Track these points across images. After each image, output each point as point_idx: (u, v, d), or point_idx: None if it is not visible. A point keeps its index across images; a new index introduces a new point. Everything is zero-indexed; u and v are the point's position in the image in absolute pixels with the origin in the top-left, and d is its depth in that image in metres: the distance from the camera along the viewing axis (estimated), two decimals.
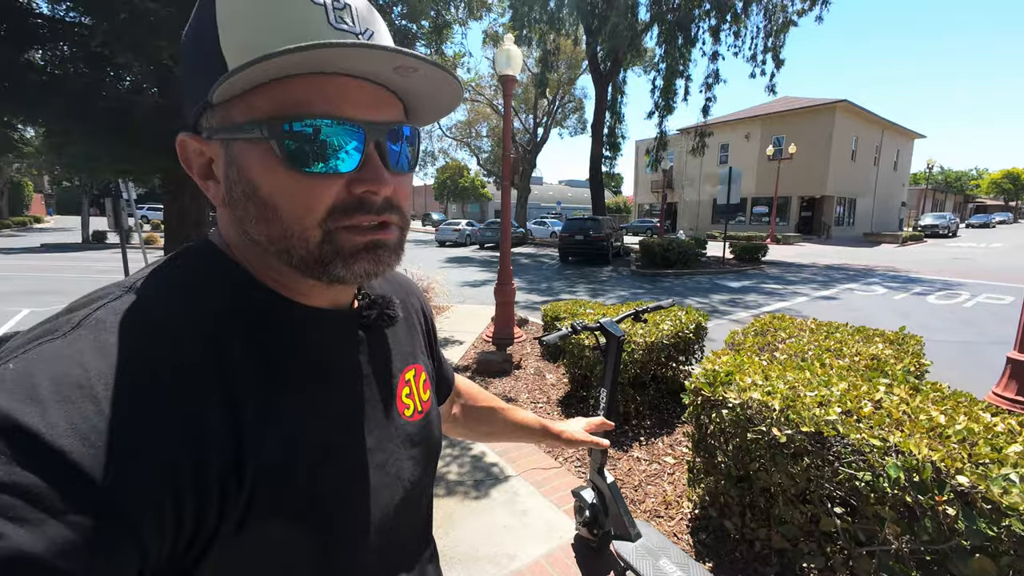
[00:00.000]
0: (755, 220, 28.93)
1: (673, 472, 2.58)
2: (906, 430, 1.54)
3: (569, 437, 0.90)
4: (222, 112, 0.37)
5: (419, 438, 0.53)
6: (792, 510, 1.70)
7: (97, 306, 0.35)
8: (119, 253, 6.63)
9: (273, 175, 0.37)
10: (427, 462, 0.55)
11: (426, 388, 0.57)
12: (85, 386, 0.30)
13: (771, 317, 3.20)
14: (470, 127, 28.42)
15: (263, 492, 0.36)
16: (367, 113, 0.39)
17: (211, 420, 0.34)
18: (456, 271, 12.72)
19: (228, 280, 0.41)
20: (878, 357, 2.39)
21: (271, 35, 0.35)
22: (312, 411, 0.41)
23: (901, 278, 11.28)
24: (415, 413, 0.54)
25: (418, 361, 0.58)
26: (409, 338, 0.58)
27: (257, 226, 0.39)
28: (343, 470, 0.43)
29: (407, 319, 0.59)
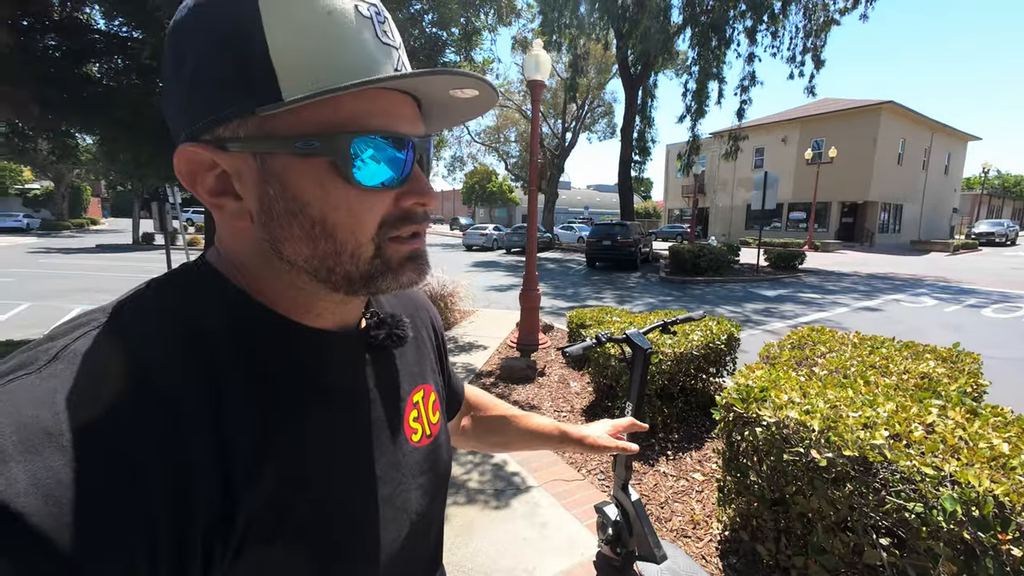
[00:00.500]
0: (792, 226, 27.87)
1: (702, 490, 2.47)
2: (963, 458, 1.41)
3: (592, 442, 0.82)
4: (258, 123, 0.34)
5: (427, 465, 0.50)
6: (832, 539, 1.59)
7: (77, 335, 0.33)
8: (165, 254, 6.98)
9: (330, 191, 0.36)
10: (435, 490, 0.52)
11: (435, 410, 0.54)
12: (54, 433, 0.27)
13: (809, 329, 3.04)
14: (498, 132, 28.61)
15: (257, 534, 0.34)
16: (412, 127, 0.39)
17: (197, 467, 0.31)
18: (482, 275, 12.77)
19: (224, 305, 0.38)
20: (929, 376, 2.22)
21: (331, 48, 0.34)
22: (314, 442, 0.39)
23: (953, 289, 10.59)
24: (423, 438, 0.51)
25: (427, 381, 0.55)
26: (418, 357, 0.55)
27: (300, 244, 0.37)
28: (347, 504, 0.41)
29: (416, 336, 0.56)
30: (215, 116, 0.35)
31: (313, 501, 0.37)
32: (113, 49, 4.58)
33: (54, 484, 0.26)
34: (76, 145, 5.28)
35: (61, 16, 4.31)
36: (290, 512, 0.36)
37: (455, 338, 5.56)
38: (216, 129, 0.35)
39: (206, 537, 0.31)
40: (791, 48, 13.56)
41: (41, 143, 4.97)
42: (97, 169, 17.75)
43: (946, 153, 30.56)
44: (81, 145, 6.06)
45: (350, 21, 0.35)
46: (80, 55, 4.40)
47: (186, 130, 0.36)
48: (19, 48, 3.29)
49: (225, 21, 0.34)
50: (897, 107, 24.42)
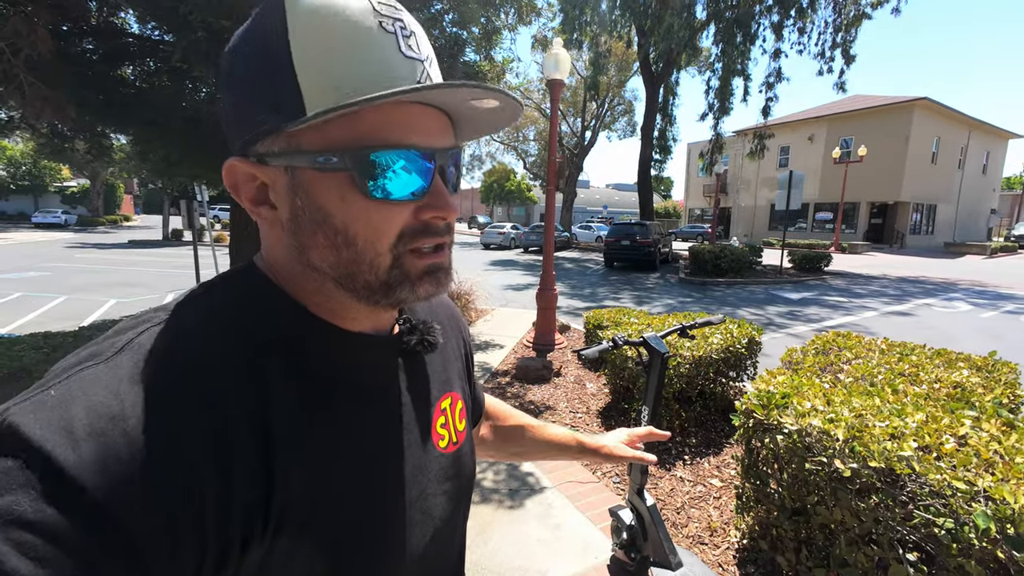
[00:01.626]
0: (817, 227, 27.10)
1: (720, 496, 2.43)
2: (998, 473, 1.35)
3: (609, 452, 0.83)
4: (287, 139, 0.37)
5: (452, 472, 0.51)
6: (856, 552, 1.54)
7: (141, 330, 0.36)
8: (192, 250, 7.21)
9: (349, 203, 0.37)
10: (460, 496, 0.53)
11: (462, 417, 0.55)
12: (118, 418, 0.30)
13: (835, 334, 2.95)
14: (517, 131, 28.55)
15: (291, 527, 0.35)
16: (435, 140, 0.40)
17: (243, 456, 0.34)
18: (499, 274, 12.79)
19: (270, 306, 0.41)
20: (962, 385, 2.13)
21: (352, 66, 0.35)
22: (346, 440, 0.41)
23: (989, 293, 10.15)
24: (450, 444, 0.52)
25: (455, 389, 0.56)
26: (448, 365, 0.57)
27: (325, 252, 0.39)
28: (373, 505, 0.42)
29: (447, 344, 0.57)
30: (252, 133, 0.37)
31: (342, 496, 0.39)
32: (146, 52, 4.74)
33: (117, 465, 0.29)
34: (110, 145, 5.49)
35: (98, 21, 4.48)
36: (319, 505, 0.37)
37: (472, 336, 5.59)
38: (255, 145, 0.38)
39: (247, 521, 0.33)
40: (820, 43, 13.16)
41: (78, 143, 5.18)
42: (130, 167, 18.40)
43: (984, 151, 29.24)
44: (115, 144, 6.29)
45: (372, 38, 0.36)
46: (115, 58, 4.56)
47: (234, 145, 0.40)
48: (59, 53, 3.44)
49: (260, 44, 0.37)
50: (932, 104, 23.47)
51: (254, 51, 0.37)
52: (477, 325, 6.16)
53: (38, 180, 34.49)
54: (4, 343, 3.51)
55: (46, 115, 3.21)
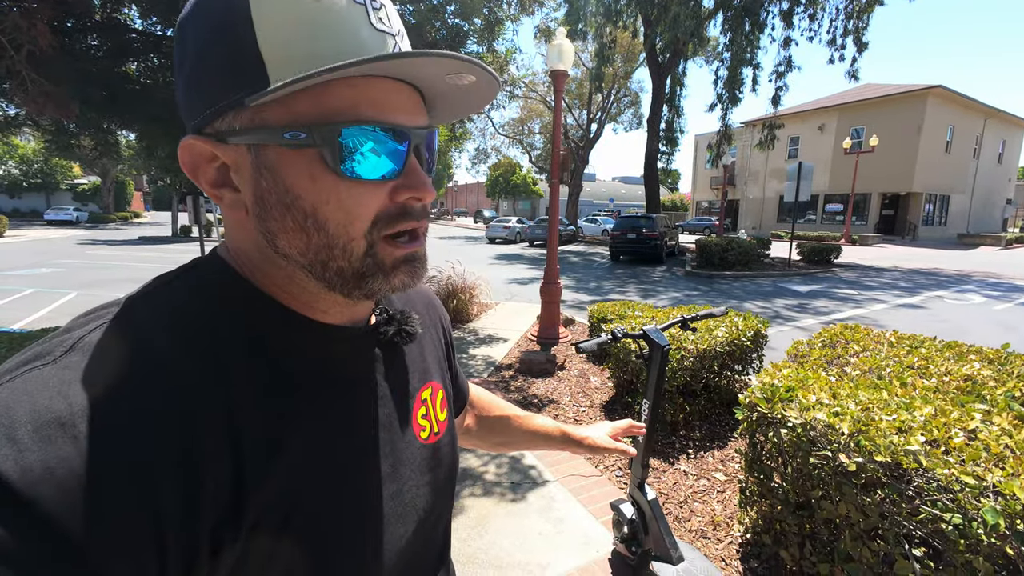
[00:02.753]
0: (827, 219, 26.73)
1: (723, 490, 2.40)
2: (1009, 468, 1.31)
3: (592, 444, 0.84)
4: (251, 114, 0.34)
5: (435, 462, 0.51)
6: (861, 547, 1.52)
7: (91, 327, 0.33)
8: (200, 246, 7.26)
9: (319, 183, 0.35)
10: (444, 487, 0.52)
11: (443, 407, 0.54)
12: (67, 423, 0.28)
13: (842, 327, 2.90)
14: (522, 124, 28.41)
15: (267, 528, 0.34)
16: (409, 118, 0.38)
17: (206, 458, 0.31)
18: (505, 268, 12.78)
19: (234, 298, 0.39)
20: (973, 378, 2.09)
21: (319, 37, 0.33)
22: (323, 436, 0.39)
23: (1004, 286, 9.96)
24: (431, 435, 0.51)
25: (435, 379, 0.55)
26: (427, 354, 0.55)
27: (293, 237, 0.36)
28: (354, 500, 0.41)
29: (425, 333, 0.56)
30: (212, 109, 0.35)
31: (321, 494, 0.38)
32: (149, 47, 4.74)
33: (66, 474, 0.26)
34: (116, 141, 5.52)
35: (102, 17, 4.49)
36: (299, 504, 0.36)
37: (476, 330, 5.59)
38: (215, 122, 0.36)
39: (216, 527, 0.31)
40: (831, 31, 12.88)
41: (84, 139, 5.22)
42: (139, 164, 18.57)
43: (1000, 140, 28.58)
44: (122, 141, 6.33)
45: (340, 9, 0.34)
46: (119, 54, 4.57)
47: (190, 123, 0.37)
48: (61, 49, 3.45)
49: (218, 13, 0.34)
50: (946, 92, 22.95)
51: (212, 20, 0.34)
52: (482, 319, 6.16)
53: (50, 178, 34.98)
54: (16, 339, 3.57)
55: (48, 111, 3.22)
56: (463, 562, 1.88)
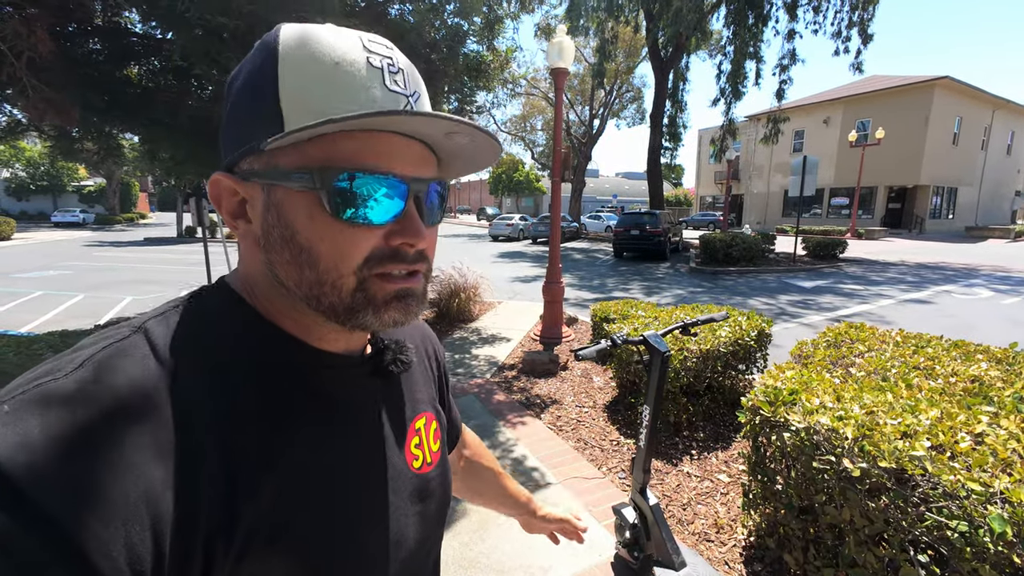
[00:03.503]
0: (833, 213, 26.52)
1: (727, 492, 2.39)
2: (1016, 474, 1.29)
3: (543, 515, 0.84)
4: (267, 157, 0.38)
5: (426, 493, 0.51)
6: (865, 552, 1.50)
7: (101, 346, 0.35)
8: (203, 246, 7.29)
9: (316, 222, 0.38)
10: (434, 519, 0.52)
11: (436, 438, 0.55)
12: (75, 435, 0.30)
13: (847, 326, 2.87)
14: (524, 121, 28.28)
15: (257, 551, 0.35)
16: (411, 169, 0.40)
17: (204, 479, 0.33)
18: (507, 267, 12.76)
19: (240, 324, 0.41)
20: (980, 379, 2.06)
21: (332, 96, 0.37)
22: (315, 462, 0.40)
23: (1013, 279, 9.84)
24: (424, 465, 0.52)
25: (429, 409, 0.56)
26: (421, 385, 0.57)
27: (290, 269, 0.39)
28: (345, 525, 0.41)
29: (420, 364, 0.58)
30: (237, 151, 0.40)
31: (311, 518, 0.39)
32: (150, 51, 4.75)
33: (71, 480, 0.29)
34: (119, 145, 5.54)
35: (103, 21, 4.49)
36: (288, 528, 0.37)
37: (478, 330, 5.58)
38: (240, 162, 0.40)
39: (207, 545, 0.33)
40: (835, 22, 12.77)
41: (87, 143, 5.24)
42: (142, 166, 18.67)
43: (1009, 131, 28.19)
44: (126, 143, 6.35)
45: (358, 71, 0.38)
46: (120, 58, 4.58)
47: (223, 162, 0.42)
48: (62, 54, 3.45)
49: (255, 72, 0.39)
50: (953, 83, 22.65)
51: (247, 78, 0.40)
52: (484, 318, 6.16)
53: (56, 180, 35.22)
54: (24, 341, 3.60)
55: (49, 117, 3.23)
56: (465, 567, 1.88)
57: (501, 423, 3.14)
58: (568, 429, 3.10)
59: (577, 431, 3.06)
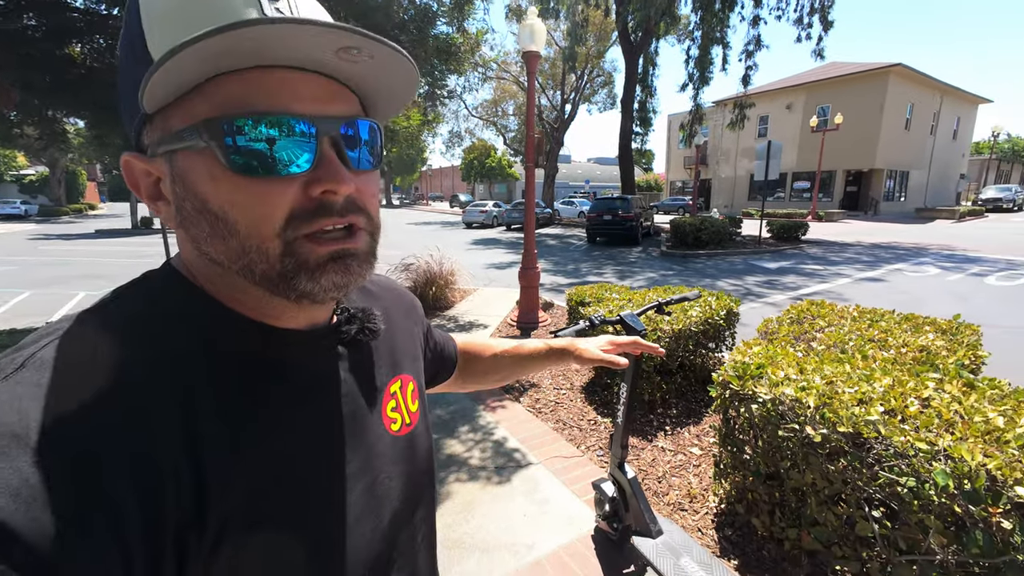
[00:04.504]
0: (795, 196, 27.48)
1: (699, 464, 2.51)
2: (958, 433, 1.41)
3: (580, 354, 0.86)
4: (160, 122, 0.35)
5: (408, 453, 0.52)
6: (825, 511, 1.61)
7: (44, 344, 0.33)
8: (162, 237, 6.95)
9: (221, 184, 0.34)
10: (420, 476, 0.53)
11: (414, 399, 0.56)
12: (21, 436, 0.28)
13: (809, 303, 3.02)
14: (496, 106, 27.95)
15: (233, 537, 0.34)
16: (317, 107, 0.36)
17: (166, 469, 0.31)
18: (482, 253, 12.72)
19: (188, 309, 0.38)
20: (928, 349, 2.22)
21: (195, 21, 0.32)
22: (288, 440, 0.39)
23: (958, 257, 10.50)
24: (403, 427, 0.52)
25: (405, 371, 0.56)
26: (399, 347, 0.57)
27: (213, 243, 0.36)
28: (321, 496, 0.41)
29: (393, 326, 0.57)
30: (136, 121, 0.36)
31: (288, 499, 0.38)
32: (94, 27, 4.42)
33: (22, 486, 0.26)
34: (63, 130, 5.18)
35: None
36: (265, 511, 0.36)
37: (455, 317, 5.58)
38: (141, 137, 0.36)
39: (179, 536, 0.31)
40: (798, 9, 13.04)
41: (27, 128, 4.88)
42: (90, 153, 17.50)
43: (955, 117, 29.77)
44: (71, 129, 5.94)
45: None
46: (61, 35, 4.25)
47: (129, 136, 0.38)
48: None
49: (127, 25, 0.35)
50: (906, 70, 23.66)
51: (123, 36, 0.36)
52: (461, 305, 6.15)
53: None
54: None
55: None
56: (450, 547, 1.91)
57: (481, 407, 3.17)
58: (547, 411, 3.16)
59: (556, 412, 3.13)
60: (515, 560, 1.85)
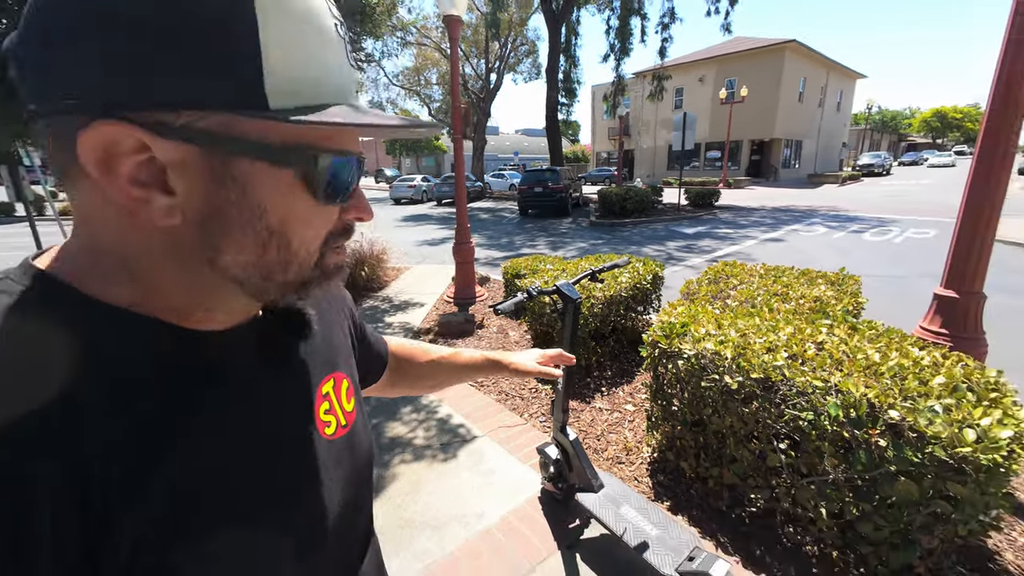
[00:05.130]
0: (708, 165, 29.49)
1: (633, 419, 2.69)
2: (845, 369, 1.63)
3: (516, 367, 0.88)
4: (225, 120, 0.31)
5: (346, 455, 0.49)
6: (742, 449, 1.81)
7: None
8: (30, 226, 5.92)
9: (294, 203, 0.36)
10: (358, 479, 0.51)
11: (349, 397, 0.53)
12: None
13: (723, 264, 3.29)
14: (418, 74, 26.68)
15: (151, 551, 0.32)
16: (357, 144, 0.40)
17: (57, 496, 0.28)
18: (413, 230, 12.34)
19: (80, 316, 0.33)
20: (821, 299, 2.51)
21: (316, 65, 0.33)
22: (211, 451, 0.36)
23: (841, 217, 11.94)
24: (338, 429, 0.49)
25: (338, 369, 0.53)
26: (327, 345, 0.53)
27: (246, 252, 0.35)
28: (258, 509, 0.38)
29: (327, 320, 0.54)
30: (172, 99, 0.29)
31: (213, 513, 0.35)
32: None
33: None
34: None
35: None
36: (189, 526, 0.34)
37: (389, 298, 5.40)
38: (159, 112, 0.30)
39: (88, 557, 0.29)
40: None
41: None
42: None
43: (839, 91, 33.27)
44: None
45: (332, 41, 0.34)
46: None
47: (99, 100, 0.29)
48: None
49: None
50: (799, 46, 25.86)
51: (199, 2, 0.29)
52: (394, 285, 5.96)
53: None
54: None
55: None
56: (401, 527, 1.90)
57: None
58: (489, 383, 3.20)
59: (498, 384, 3.18)
60: (465, 530, 1.88)
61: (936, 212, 11.78)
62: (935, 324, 2.16)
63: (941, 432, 1.32)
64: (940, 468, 1.32)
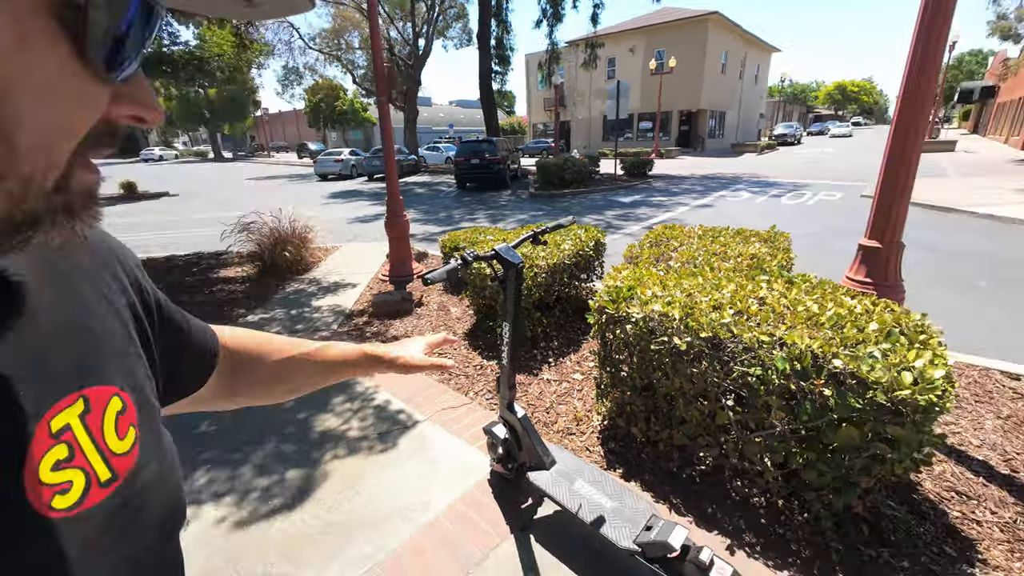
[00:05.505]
0: (641, 135, 30.25)
1: (582, 388, 2.63)
2: (788, 322, 1.62)
3: (405, 363, 0.72)
4: None
5: (117, 530, 0.30)
6: (691, 410, 1.78)
7: None
8: None
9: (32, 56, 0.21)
10: (152, 562, 0.33)
11: (128, 423, 0.32)
12: None
13: (663, 228, 3.28)
14: (337, 37, 24.64)
15: None
16: None
17: None
18: (343, 207, 11.56)
19: None
20: (757, 256, 2.55)
21: None
22: None
23: (761, 183, 12.72)
24: (91, 491, 0.29)
25: (102, 381, 0.32)
26: (66, 339, 0.31)
27: None
28: None
29: (63, 294, 0.33)
30: None
31: None
32: None
33: None
34: None
35: None
36: None
37: (317, 280, 4.97)
38: None
39: None
40: None
41: None
42: None
43: (756, 64, 35.14)
44: None
45: None
46: None
47: None
48: None
49: None
50: (721, 19, 26.79)
51: None
52: (323, 266, 5.50)
53: None
54: None
55: None
56: (336, 527, 1.70)
57: None
58: None
59: None
60: (409, 525, 1.72)
61: (840, 177, 12.90)
62: (860, 274, 2.25)
63: (882, 377, 1.32)
64: (880, 412, 1.34)
